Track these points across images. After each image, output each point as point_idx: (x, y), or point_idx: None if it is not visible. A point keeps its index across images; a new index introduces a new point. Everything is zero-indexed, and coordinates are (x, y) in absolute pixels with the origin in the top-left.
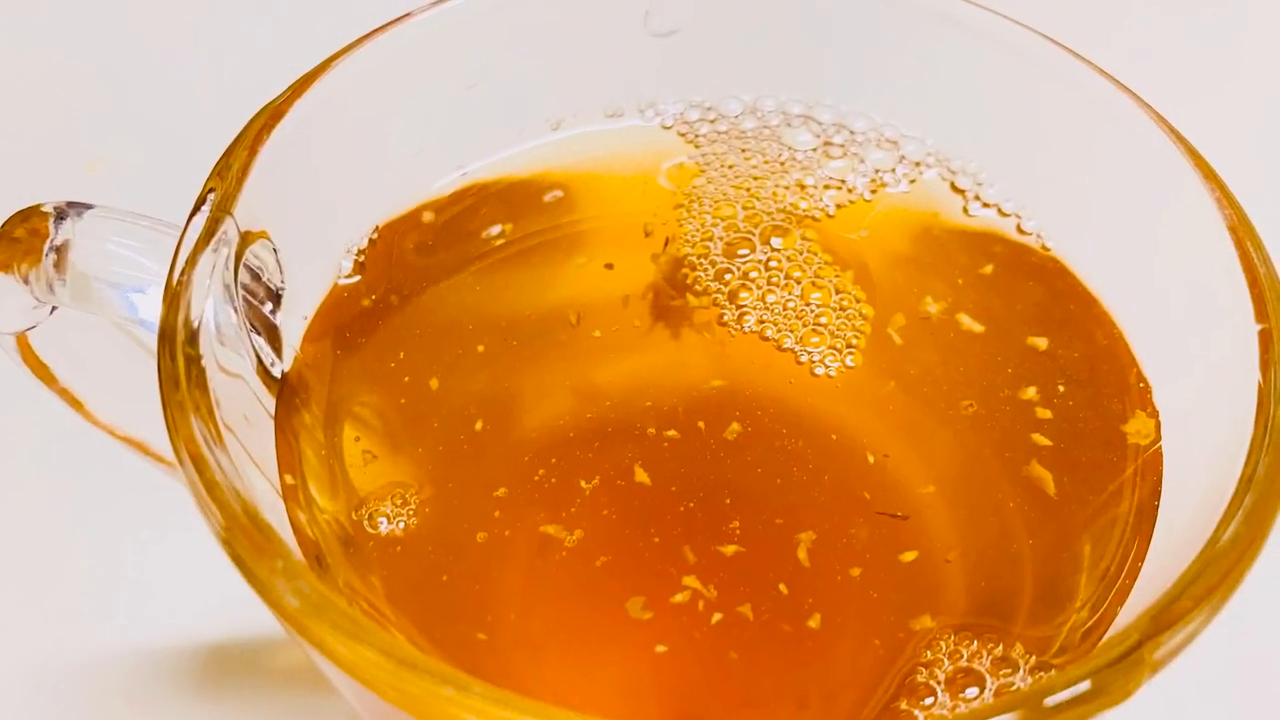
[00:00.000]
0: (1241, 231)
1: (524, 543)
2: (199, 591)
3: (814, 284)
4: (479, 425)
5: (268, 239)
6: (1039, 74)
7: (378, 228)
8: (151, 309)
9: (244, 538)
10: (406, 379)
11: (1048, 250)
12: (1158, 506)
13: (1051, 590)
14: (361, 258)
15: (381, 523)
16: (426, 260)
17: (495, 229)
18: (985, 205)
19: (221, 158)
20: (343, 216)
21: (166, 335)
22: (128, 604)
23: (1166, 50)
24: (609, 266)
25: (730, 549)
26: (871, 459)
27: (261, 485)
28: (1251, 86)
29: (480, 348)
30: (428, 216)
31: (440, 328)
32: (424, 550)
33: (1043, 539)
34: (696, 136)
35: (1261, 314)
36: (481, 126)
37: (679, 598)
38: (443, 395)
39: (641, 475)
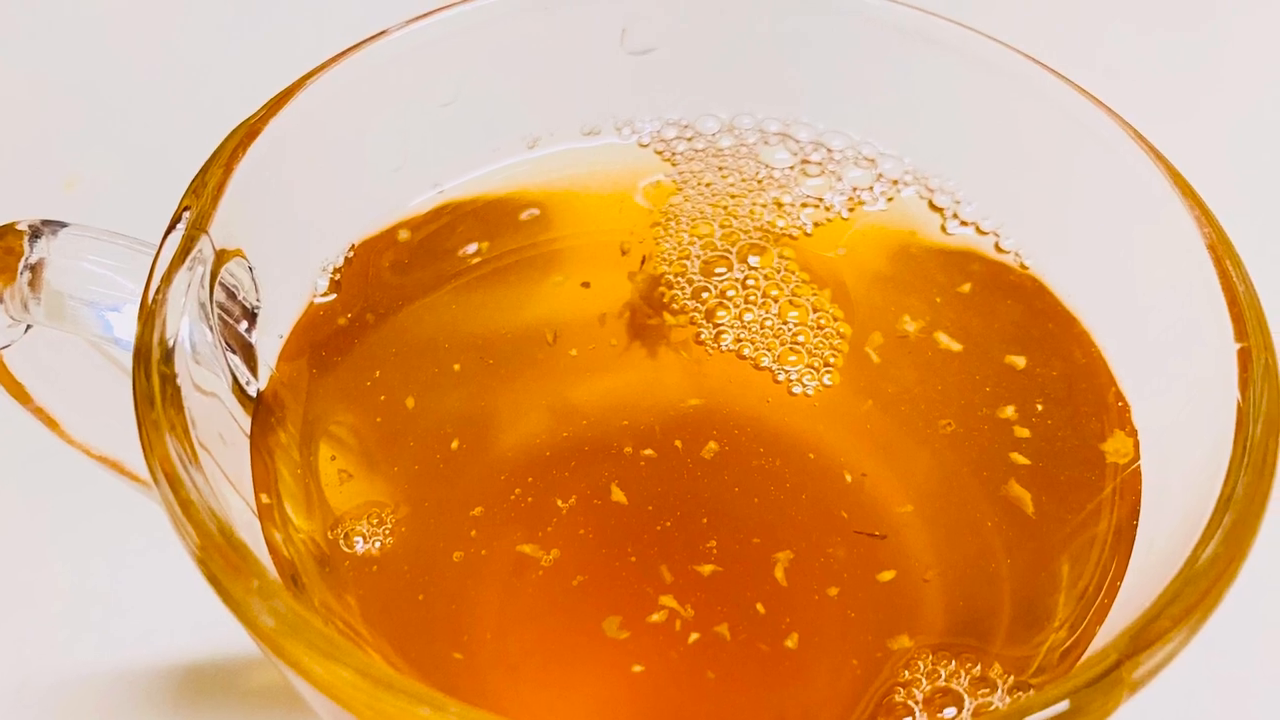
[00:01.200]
0: (1220, 250)
1: (500, 562)
2: (174, 611)
3: (791, 302)
4: (455, 444)
5: (243, 257)
6: (1018, 92)
7: (353, 246)
8: (127, 327)
9: (219, 557)
10: (382, 398)
11: (1026, 268)
12: (1136, 526)
13: (1030, 610)
14: (337, 276)
15: (357, 542)
16: (402, 278)
17: (471, 247)
18: (963, 223)
19: (197, 176)
20: (318, 235)
21: (141, 354)
22: (102, 623)
23: (1145, 68)
24: (585, 285)
25: (707, 568)
26: (849, 478)
27: (237, 504)
28: (1230, 105)
29: (456, 366)
30: (404, 235)
31: (416, 346)
32: (400, 569)
33: (1021, 558)
34: (673, 154)
35: (1241, 333)
36: (458, 144)
37: (656, 617)
38: (419, 414)
39: (618, 494)
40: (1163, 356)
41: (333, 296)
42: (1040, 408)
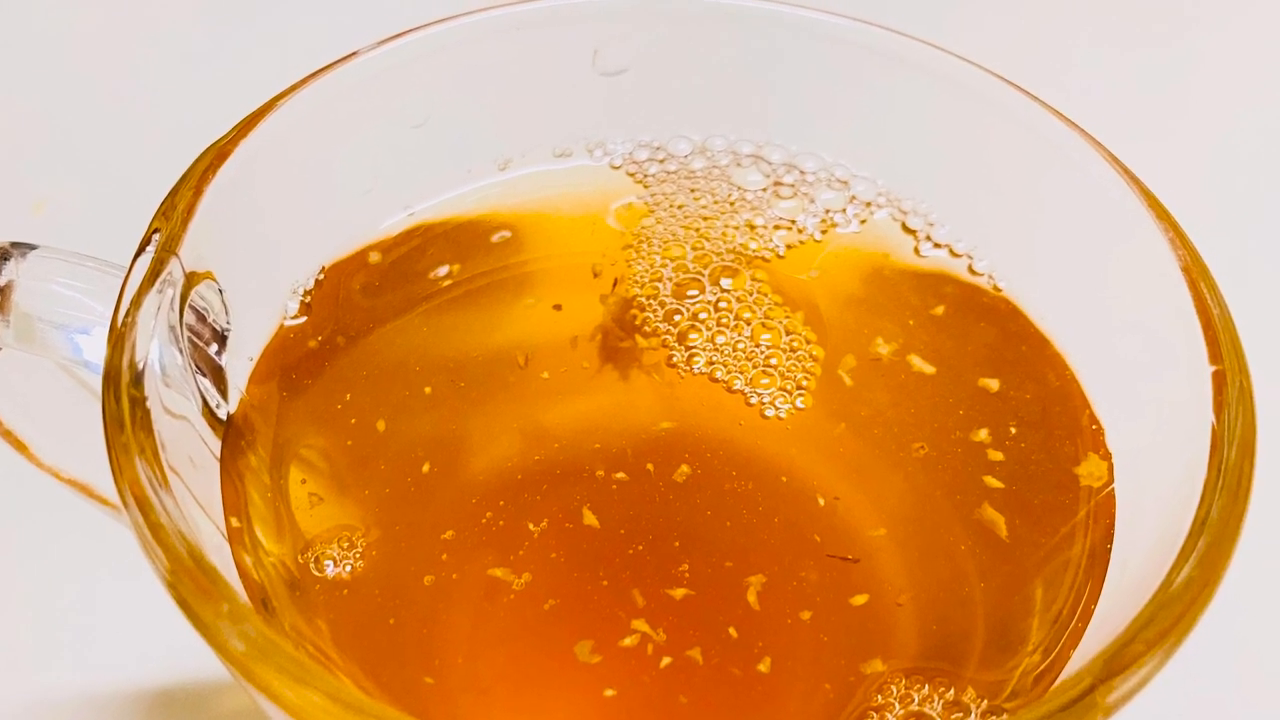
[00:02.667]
0: (1195, 272)
1: (472, 586)
2: (144, 635)
3: (764, 325)
4: (426, 467)
5: (213, 280)
6: (991, 113)
7: (324, 268)
8: (96, 350)
9: (189, 581)
10: (353, 421)
11: (999, 291)
12: (1110, 549)
13: (1003, 634)
14: (308, 298)
15: (328, 566)
16: (373, 301)
17: (442, 269)
18: (936, 246)
19: (167, 198)
20: (289, 257)
21: (111, 377)
22: (71, 648)
23: (1119, 89)
24: (557, 307)
25: (679, 592)
26: (822, 501)
27: (207, 528)
28: (1204, 126)
29: (427, 389)
30: (374, 257)
31: (387, 369)
32: (371, 593)
33: (994, 582)
34: (645, 176)
35: (1215, 355)
36: (429, 166)
37: (628, 641)
38: (389, 437)
39: (590, 518)
40: (1137, 379)
41: (303, 319)
42: (1014, 431)
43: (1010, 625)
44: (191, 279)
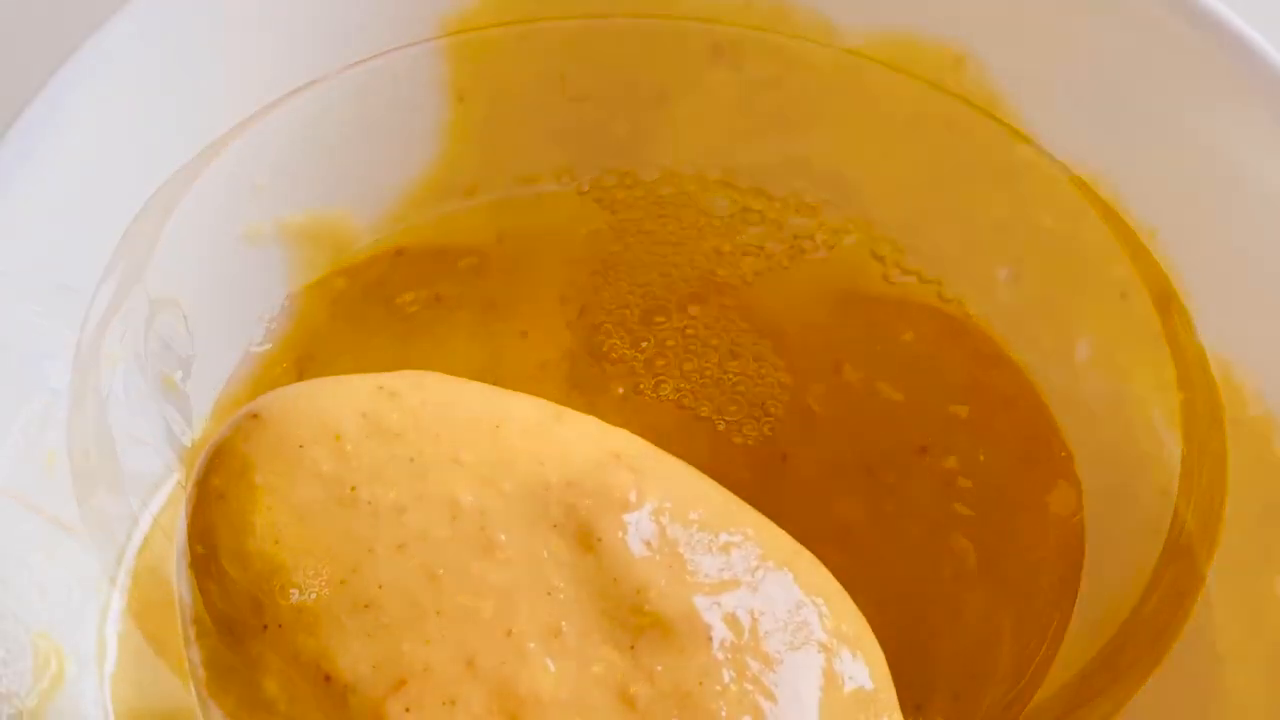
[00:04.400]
0: (1165, 298)
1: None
2: (108, 661)
3: (732, 351)
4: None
5: (178, 307)
6: (958, 139)
7: (290, 295)
8: (61, 377)
9: (153, 608)
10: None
11: (968, 317)
12: (1079, 578)
13: (972, 663)
14: (274, 325)
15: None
16: (340, 327)
17: (409, 296)
18: (905, 272)
19: (131, 225)
20: (254, 284)
21: (76, 403)
22: (36, 673)
23: (1084, 110)
24: (524, 334)
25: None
26: (788, 530)
27: (172, 555)
28: (1177, 143)
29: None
30: (341, 283)
31: None
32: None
33: (963, 611)
34: (613, 202)
35: (1185, 382)
36: (396, 191)
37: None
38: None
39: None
40: (1106, 407)
41: (269, 346)
42: (983, 458)
43: (979, 655)
44: (156, 306)
